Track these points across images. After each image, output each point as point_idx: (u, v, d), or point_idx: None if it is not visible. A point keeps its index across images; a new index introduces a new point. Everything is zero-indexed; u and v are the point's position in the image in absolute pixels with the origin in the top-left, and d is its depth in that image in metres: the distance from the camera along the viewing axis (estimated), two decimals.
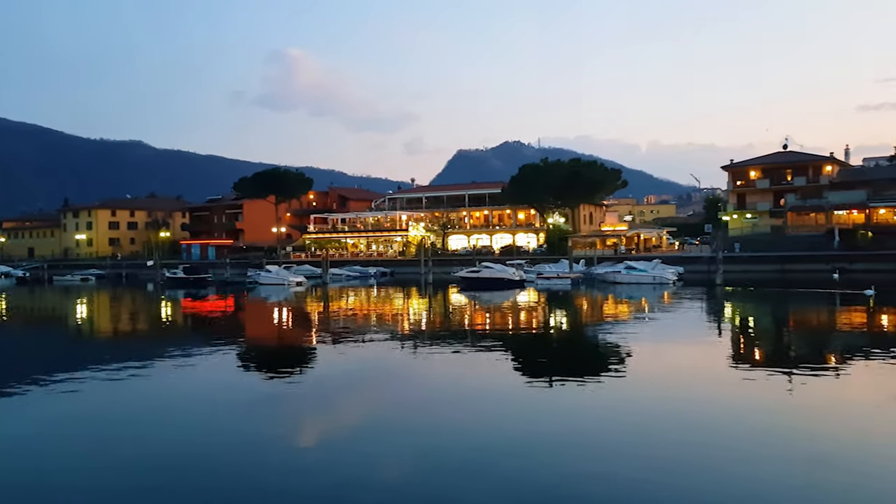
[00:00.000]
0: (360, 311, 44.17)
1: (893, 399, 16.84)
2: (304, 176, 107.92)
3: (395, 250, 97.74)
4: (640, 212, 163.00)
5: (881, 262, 62.54)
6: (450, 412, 16.48)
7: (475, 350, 26.15)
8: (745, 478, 11.37)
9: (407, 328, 35.14)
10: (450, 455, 13.01)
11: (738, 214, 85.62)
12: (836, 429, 14.28)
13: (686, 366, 22.22)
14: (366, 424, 15.85)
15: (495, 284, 59.14)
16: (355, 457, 13.07)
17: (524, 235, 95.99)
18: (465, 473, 11.97)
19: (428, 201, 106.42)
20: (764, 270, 65.28)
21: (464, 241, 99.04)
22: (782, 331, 31.68)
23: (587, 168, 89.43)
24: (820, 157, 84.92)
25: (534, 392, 18.85)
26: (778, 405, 16.43)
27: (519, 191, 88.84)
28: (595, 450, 13.22)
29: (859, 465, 12.00)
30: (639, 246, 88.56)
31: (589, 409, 16.35)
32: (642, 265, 61.02)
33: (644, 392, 18.10)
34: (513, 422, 15.36)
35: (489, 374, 21.36)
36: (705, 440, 13.56)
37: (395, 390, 19.77)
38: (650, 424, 14.81)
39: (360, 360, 25.23)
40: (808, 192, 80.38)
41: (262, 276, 72.93)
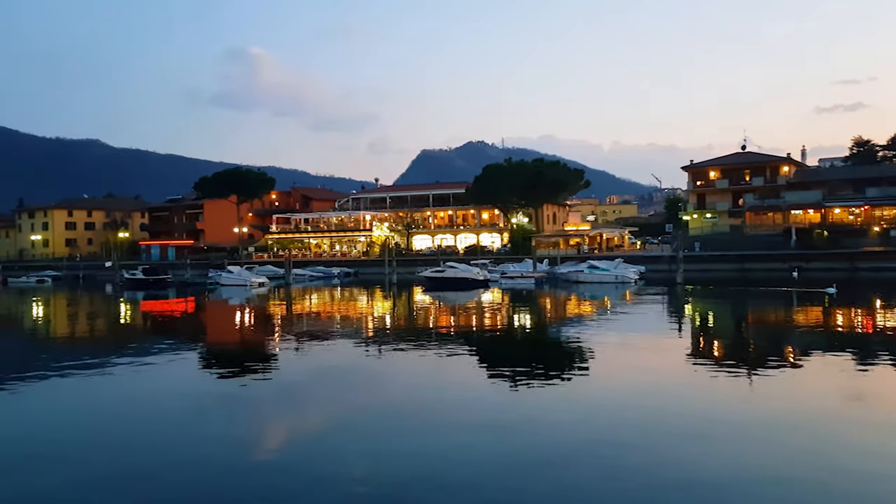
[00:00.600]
0: (324, 312, 43.74)
1: (853, 393, 17.17)
2: (266, 175, 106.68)
3: (358, 250, 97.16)
4: (603, 212, 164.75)
5: (836, 260, 64.07)
6: (415, 413, 16.32)
7: (440, 350, 26.02)
8: (708, 470, 11.43)
9: (371, 329, 34.88)
10: (415, 456, 12.87)
11: (699, 214, 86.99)
12: (796, 422, 14.47)
13: (648, 364, 22.38)
14: (331, 426, 15.62)
15: (459, 284, 59.12)
16: (320, 458, 12.86)
17: (488, 235, 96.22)
18: (429, 474, 11.84)
19: (392, 201, 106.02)
20: (723, 269, 66.40)
21: (428, 241, 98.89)
22: (744, 328, 32.20)
23: (550, 168, 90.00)
24: (777, 158, 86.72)
25: (498, 392, 18.78)
26: (740, 401, 16.63)
27: (483, 191, 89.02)
28: (559, 449, 13.17)
29: (821, 458, 12.15)
30: (601, 245, 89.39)
31: (553, 409, 16.33)
32: (605, 265, 61.58)
33: (607, 390, 18.17)
34: (478, 422, 15.25)
35: (454, 374, 21.25)
36: (669, 436, 13.63)
37: (360, 391, 19.53)
38: (613, 422, 14.84)
39: (324, 361, 24.92)
40: (766, 193, 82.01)
41: (223, 276, 71.79)
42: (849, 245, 66.92)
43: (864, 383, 18.47)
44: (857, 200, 75.48)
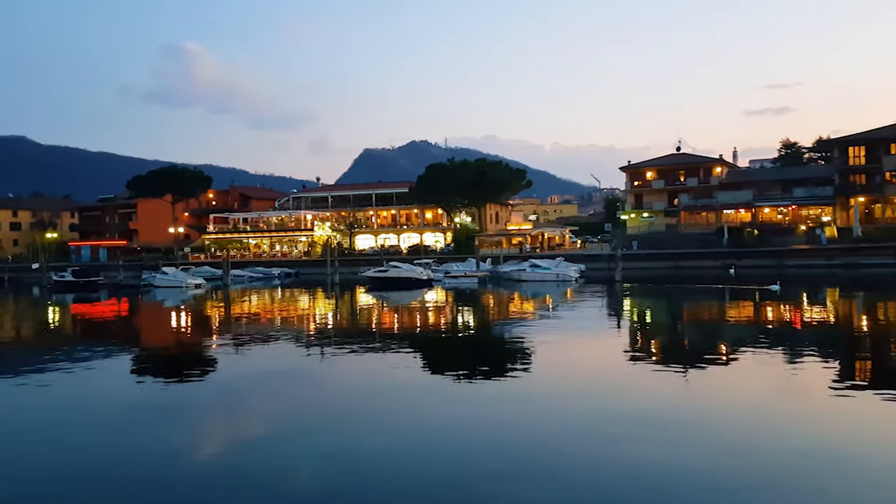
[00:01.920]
0: (264, 314, 42.93)
1: (790, 387, 17.77)
2: (202, 174, 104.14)
3: (300, 250, 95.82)
4: (545, 211, 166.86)
5: (766, 258, 66.53)
6: (358, 414, 16.11)
7: (383, 351, 25.83)
8: (646, 465, 11.62)
9: (313, 330, 34.40)
10: (358, 457, 12.68)
11: (636, 213, 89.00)
12: (731, 415, 14.87)
13: (588, 361, 22.72)
14: (272, 429, 15.26)
15: (403, 284, 58.94)
16: (261, 463, 12.53)
17: (432, 235, 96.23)
18: (372, 475, 11.68)
19: (334, 200, 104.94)
20: (660, 267, 68.11)
21: (371, 240, 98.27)
22: (682, 326, 33.04)
23: (493, 168, 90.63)
24: (710, 159, 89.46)
25: (442, 391, 18.73)
26: (678, 395, 17.02)
27: (426, 190, 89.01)
28: (504, 446, 13.19)
29: (755, 451, 12.49)
30: (543, 244, 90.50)
31: (497, 406, 16.36)
32: (546, 263, 62.38)
33: (548, 387, 18.32)
34: (421, 421, 15.17)
35: (398, 374, 21.10)
36: (608, 431, 13.81)
37: (302, 394, 19.18)
38: (554, 418, 14.96)
39: (265, 364, 24.42)
40: (700, 193, 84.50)
41: (158, 278, 69.72)
42: (777, 243, 69.54)
43: (803, 376, 19.14)
44: (785, 200, 78.57)
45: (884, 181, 72.52)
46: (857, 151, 75.14)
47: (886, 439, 13.02)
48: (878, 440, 12.93)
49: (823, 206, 76.44)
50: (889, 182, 72.06)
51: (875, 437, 13.16)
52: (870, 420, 14.37)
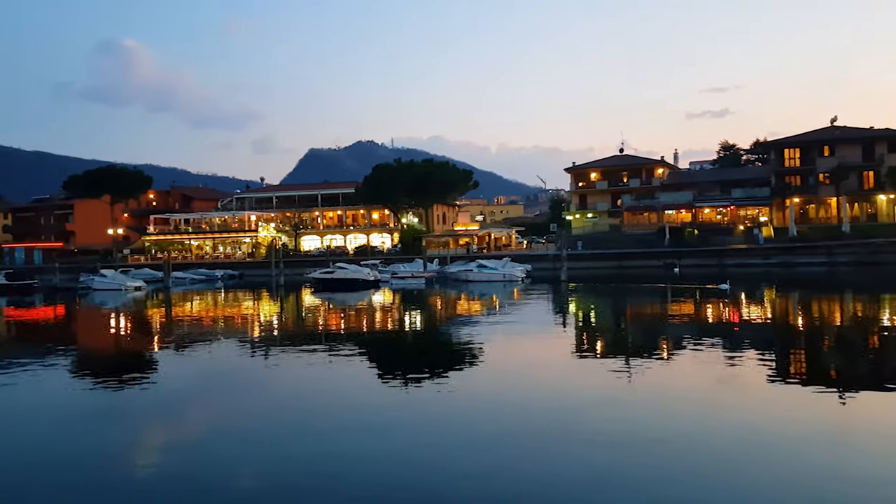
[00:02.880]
0: (207, 316, 41.94)
1: (728, 381, 18.18)
2: (142, 174, 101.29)
3: (243, 252, 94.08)
4: (491, 212, 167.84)
5: (706, 257, 68.28)
6: (304, 416, 15.82)
7: (329, 353, 25.48)
8: (588, 460, 11.70)
9: (257, 332, 33.74)
10: (304, 460, 12.45)
11: (581, 214, 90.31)
12: (670, 410, 15.12)
13: (534, 360, 22.86)
14: (214, 434, 14.88)
15: (350, 285, 58.46)
16: (203, 468, 12.17)
17: (378, 235, 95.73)
18: (320, 480, 11.45)
19: (279, 201, 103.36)
20: (604, 267, 69.22)
21: (317, 241, 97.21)
22: (624, 323, 33.61)
23: (440, 169, 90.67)
24: (652, 161, 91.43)
25: (388, 392, 18.57)
26: (621, 392, 17.24)
27: (373, 191, 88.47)
28: (452, 448, 13.11)
29: (694, 444, 12.71)
30: (490, 245, 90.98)
31: (444, 407, 16.29)
32: (493, 263, 62.74)
33: (495, 387, 18.35)
34: (369, 424, 14.96)
35: (344, 376, 20.83)
36: (553, 429, 13.88)
37: (246, 397, 18.74)
38: (499, 417, 14.97)
39: (208, 367, 23.81)
40: (642, 193, 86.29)
41: (96, 281, 67.44)
42: (717, 243, 71.48)
43: (740, 370, 19.61)
44: (724, 201, 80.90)
45: (817, 182, 75.34)
46: (792, 153, 77.88)
47: (817, 428, 13.43)
48: (808, 429, 13.33)
49: (761, 207, 78.94)
50: (822, 183, 74.90)
51: (805, 425, 13.56)
52: (802, 410, 14.80)
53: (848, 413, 14.95)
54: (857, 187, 73.77)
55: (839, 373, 19.40)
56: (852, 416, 14.72)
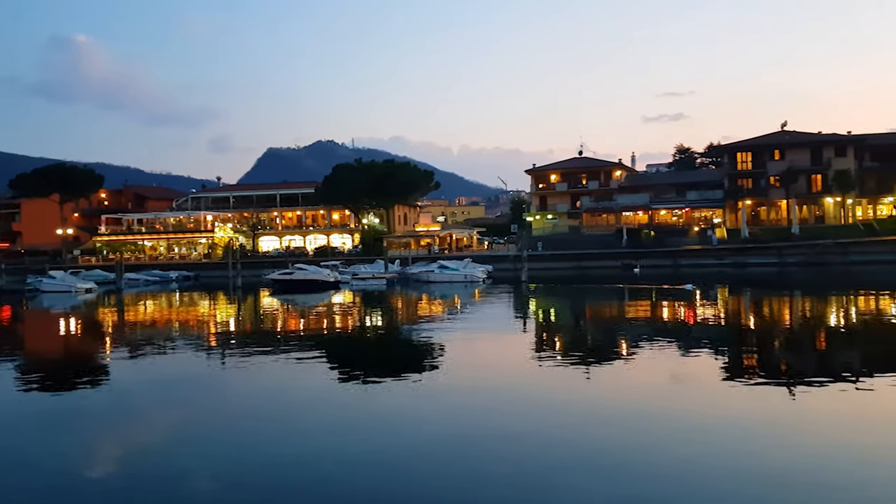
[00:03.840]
0: (161, 319, 41.05)
1: (683, 380, 18.47)
2: (93, 173, 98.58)
3: (199, 253, 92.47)
4: (453, 213, 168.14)
5: (662, 258, 69.52)
6: (263, 419, 15.55)
7: (288, 355, 25.13)
8: (546, 459, 11.76)
9: (214, 335, 33.13)
10: (264, 463, 12.21)
11: (541, 215, 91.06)
12: (627, 408, 15.29)
13: (495, 360, 22.92)
14: (171, 439, 14.54)
15: (309, 286, 57.88)
16: (162, 474, 11.85)
17: (339, 236, 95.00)
18: (280, 483, 11.25)
19: (236, 201, 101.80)
20: (564, 267, 69.93)
21: (275, 242, 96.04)
22: (583, 323, 33.95)
23: (401, 169, 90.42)
24: (611, 164, 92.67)
25: (348, 395, 18.40)
26: (578, 391, 17.38)
27: (333, 191, 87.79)
28: (410, 446, 13.04)
29: (647, 438, 12.87)
30: (451, 246, 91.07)
31: (404, 408, 16.19)
32: (454, 264, 62.86)
33: (456, 387, 18.33)
34: (328, 426, 14.79)
35: (303, 378, 20.57)
36: (512, 429, 13.90)
37: (203, 400, 18.36)
38: (462, 418, 14.95)
39: (163, 371, 23.26)
40: (601, 195, 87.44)
41: (44, 282, 65.48)
42: (672, 244, 72.83)
43: (695, 368, 19.94)
44: (680, 203, 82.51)
45: (768, 185, 77.31)
46: (745, 157, 79.81)
47: (767, 420, 13.74)
48: (759, 421, 13.63)
49: (714, 209, 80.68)
50: (773, 186, 76.88)
51: (757, 418, 13.86)
52: (754, 405, 15.12)
53: (796, 406, 15.31)
54: (805, 190, 75.92)
55: (788, 369, 19.89)
56: (800, 409, 15.07)
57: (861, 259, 62.63)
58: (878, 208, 77.69)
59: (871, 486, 10.52)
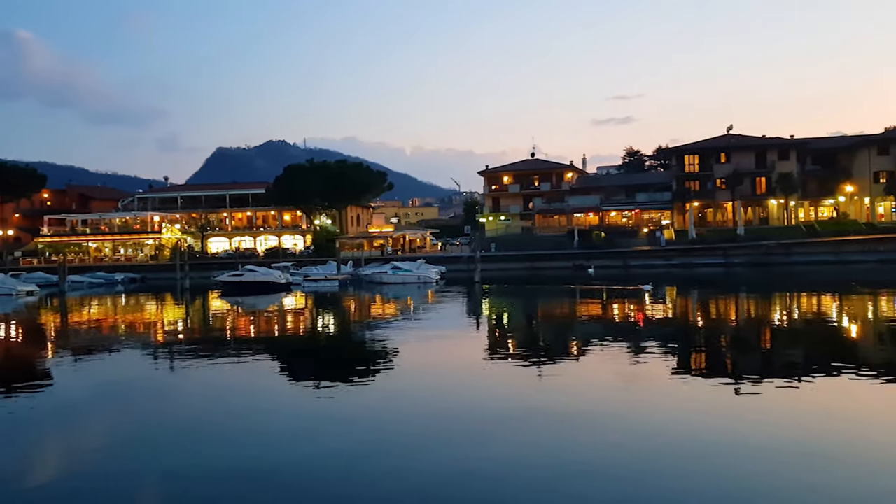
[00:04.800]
0: (107, 322, 39.85)
1: (633, 376, 18.74)
2: (35, 172, 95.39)
3: (146, 254, 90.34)
4: (406, 214, 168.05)
5: (612, 259, 70.63)
6: (212, 425, 15.20)
7: (238, 358, 24.67)
8: (498, 460, 11.78)
9: (161, 339, 32.31)
10: (212, 469, 11.92)
11: (494, 216, 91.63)
12: (578, 408, 15.45)
13: (448, 361, 22.89)
14: (117, 445, 14.06)
15: (260, 288, 57.01)
16: (105, 482, 11.46)
17: (290, 237, 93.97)
18: (228, 488, 10.99)
19: (184, 201, 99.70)
20: (516, 268, 70.46)
21: (225, 243, 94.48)
22: (535, 323, 34.19)
23: (354, 170, 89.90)
24: (562, 166, 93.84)
25: (299, 398, 18.12)
26: (531, 391, 17.48)
27: (285, 191, 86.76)
28: (364, 449, 12.89)
29: (596, 435, 13.01)
30: (404, 247, 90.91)
31: (357, 412, 16.03)
32: (408, 265, 62.75)
33: (409, 389, 18.25)
34: (278, 431, 14.54)
35: (253, 382, 20.19)
36: (466, 430, 13.90)
37: (151, 406, 17.83)
38: (416, 420, 14.88)
39: (108, 376, 22.53)
40: (553, 197, 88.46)
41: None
42: (622, 245, 74.09)
43: (645, 367, 20.26)
44: (629, 204, 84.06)
45: (715, 187, 79.29)
46: (692, 160, 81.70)
47: (715, 419, 14.05)
48: (706, 420, 13.93)
49: (663, 210, 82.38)
50: (719, 188, 78.87)
51: (703, 417, 14.16)
52: (702, 402, 15.45)
53: (740, 403, 15.68)
54: (750, 192, 78.12)
55: (734, 366, 20.38)
56: (744, 406, 15.44)
57: (803, 260, 64.76)
58: (819, 210, 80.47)
59: (811, 477, 10.82)
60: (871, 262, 61.67)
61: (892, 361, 21.11)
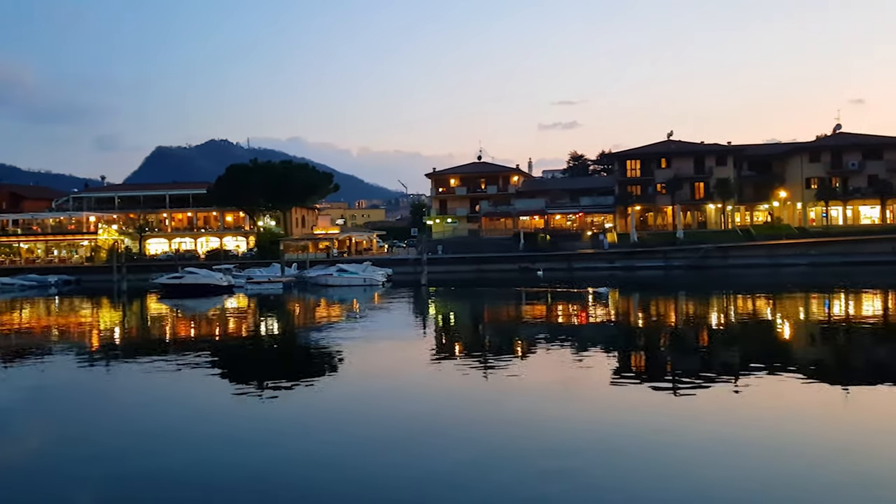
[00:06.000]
0: (38, 326, 38.30)
1: (573, 377, 18.96)
2: None
3: (81, 256, 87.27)
4: (352, 216, 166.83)
5: (557, 261, 71.52)
6: (148, 430, 14.73)
7: (177, 363, 23.98)
8: (447, 459, 11.74)
9: (97, 343, 31.22)
10: (149, 477, 11.55)
11: (441, 219, 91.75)
12: (520, 408, 15.55)
13: (394, 364, 22.76)
14: (51, 451, 13.58)
15: (201, 291, 55.66)
16: (37, 492, 10.93)
17: (233, 239, 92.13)
18: (164, 493, 10.63)
19: (122, 201, 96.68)
20: (463, 271, 70.64)
21: (164, 245, 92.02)
22: (482, 326, 34.32)
23: (299, 170, 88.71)
24: (509, 169, 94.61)
25: (240, 403, 17.72)
26: (479, 392, 17.51)
27: (227, 192, 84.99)
28: (306, 454, 12.68)
29: (538, 431, 13.11)
30: (350, 249, 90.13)
31: (299, 419, 15.77)
32: (353, 268, 62.26)
33: (353, 393, 18.07)
34: (219, 434, 14.18)
35: (192, 387, 19.69)
36: (413, 433, 13.84)
37: (85, 411, 17.18)
38: (358, 424, 14.74)
39: (40, 381, 21.69)
40: (499, 200, 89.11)
41: None
42: (567, 247, 75.10)
43: (585, 367, 20.51)
44: (574, 208, 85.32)
45: (656, 192, 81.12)
46: (634, 165, 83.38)
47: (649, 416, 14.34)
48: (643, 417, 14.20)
49: (606, 214, 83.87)
50: (660, 193, 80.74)
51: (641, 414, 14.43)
52: (642, 401, 15.74)
53: (678, 402, 16.05)
54: (689, 197, 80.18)
55: (673, 366, 20.84)
56: (682, 405, 15.81)
57: (739, 262, 66.81)
58: (754, 215, 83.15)
59: (743, 471, 11.11)
60: (802, 265, 64.10)
61: (821, 360, 21.96)
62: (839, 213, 76.94)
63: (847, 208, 76.78)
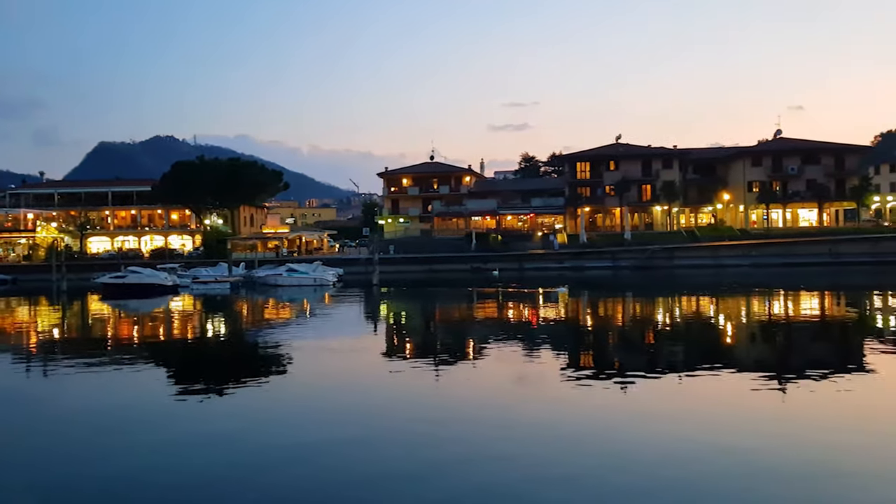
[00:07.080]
0: None
1: (526, 375, 19.06)
2: None
3: (18, 254, 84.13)
4: (303, 214, 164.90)
5: (509, 261, 72.01)
6: (88, 436, 14.22)
7: (118, 365, 23.24)
8: (403, 462, 11.64)
9: (34, 345, 30.06)
10: (92, 484, 11.09)
11: (393, 219, 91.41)
12: (472, 407, 15.55)
13: (344, 365, 22.53)
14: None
15: (144, 291, 54.20)
16: None
17: (178, 237, 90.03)
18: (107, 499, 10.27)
19: (62, 198, 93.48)
20: (415, 271, 70.51)
21: (107, 243, 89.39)
22: (432, 325, 34.27)
23: (247, 168, 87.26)
24: (461, 169, 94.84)
25: (182, 407, 17.24)
26: (430, 392, 17.44)
27: (173, 190, 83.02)
28: (254, 456, 12.40)
29: (486, 429, 13.13)
30: (301, 248, 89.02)
31: (243, 422, 15.42)
32: (304, 267, 61.48)
33: (301, 395, 17.83)
34: (161, 439, 13.76)
35: (134, 390, 19.08)
36: (362, 434, 13.69)
37: (20, 417, 16.46)
38: (307, 428, 14.52)
39: None
40: (451, 200, 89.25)
41: None
42: (518, 248, 75.69)
43: (538, 365, 20.63)
44: (525, 209, 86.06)
45: (604, 194, 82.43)
46: (584, 167, 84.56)
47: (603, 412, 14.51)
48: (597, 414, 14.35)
49: (556, 215, 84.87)
50: (608, 195, 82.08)
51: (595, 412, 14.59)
52: (590, 398, 15.92)
53: (627, 398, 16.28)
54: (637, 199, 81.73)
55: (621, 363, 21.15)
56: (630, 400, 16.04)
57: (684, 263, 68.36)
58: (699, 217, 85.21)
59: (692, 464, 11.31)
60: (744, 265, 66.02)
61: (762, 357, 22.59)
62: (779, 215, 79.48)
63: (787, 211, 79.39)
